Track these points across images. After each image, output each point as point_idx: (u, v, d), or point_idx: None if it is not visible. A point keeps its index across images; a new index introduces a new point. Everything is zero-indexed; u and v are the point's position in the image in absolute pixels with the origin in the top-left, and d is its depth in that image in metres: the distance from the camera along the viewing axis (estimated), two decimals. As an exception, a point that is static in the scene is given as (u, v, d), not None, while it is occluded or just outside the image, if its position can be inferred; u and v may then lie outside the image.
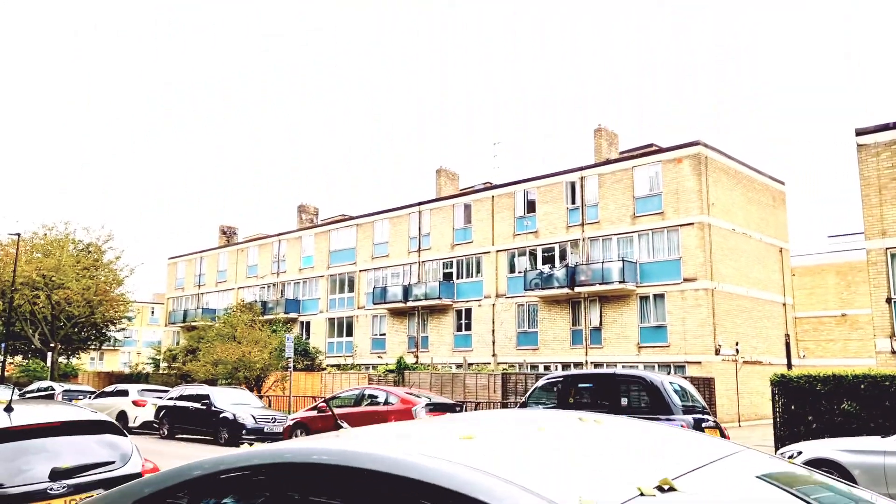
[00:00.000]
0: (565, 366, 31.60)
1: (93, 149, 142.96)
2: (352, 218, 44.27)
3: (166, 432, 19.34)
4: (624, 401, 11.33)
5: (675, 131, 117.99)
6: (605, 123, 35.14)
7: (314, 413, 15.82)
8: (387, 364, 34.72)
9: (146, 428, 21.03)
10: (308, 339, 43.10)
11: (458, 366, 34.13)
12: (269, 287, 47.91)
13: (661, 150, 30.36)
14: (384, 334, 40.33)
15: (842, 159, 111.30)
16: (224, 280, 51.61)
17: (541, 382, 12.73)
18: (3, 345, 34.00)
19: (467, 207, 37.51)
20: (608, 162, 32.45)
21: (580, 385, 12.31)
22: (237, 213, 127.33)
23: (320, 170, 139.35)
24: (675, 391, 11.00)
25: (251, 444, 2.45)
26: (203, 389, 19.28)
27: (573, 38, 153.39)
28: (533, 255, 34.12)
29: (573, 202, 32.76)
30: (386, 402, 14.83)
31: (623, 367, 29.64)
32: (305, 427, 15.75)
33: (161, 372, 46.22)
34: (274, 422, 17.90)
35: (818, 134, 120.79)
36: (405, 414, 14.18)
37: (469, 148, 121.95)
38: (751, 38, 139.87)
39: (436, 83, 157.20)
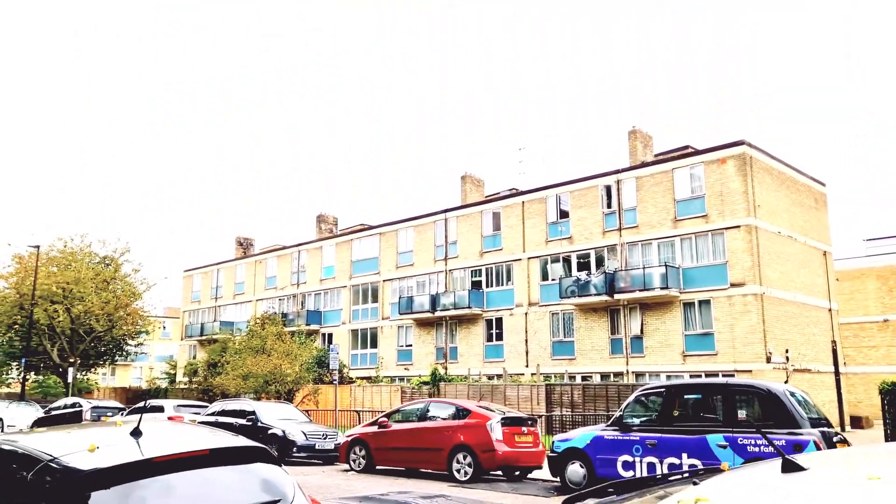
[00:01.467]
0: (604, 376, 30.55)
1: (94, 150, 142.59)
2: (373, 227, 43.35)
3: (207, 450, 18.26)
4: (741, 413, 10.28)
5: (693, 132, 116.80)
6: (639, 125, 34.18)
7: (374, 429, 14.75)
8: (419, 376, 33.64)
9: (183, 446, 19.95)
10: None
11: (490, 377, 33.05)
12: (288, 299, 46.93)
13: (702, 151, 29.40)
14: (410, 345, 39.29)
15: (850, 160, 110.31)
16: (242, 292, 50.64)
17: (637, 394, 11.70)
18: (23, 360, 33.03)
19: (496, 214, 36.55)
20: (645, 164, 31.50)
21: (685, 396, 11.28)
22: (251, 224, 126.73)
23: (336, 179, 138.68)
24: (799, 402, 9.94)
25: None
26: (248, 404, 18.23)
27: (592, 42, 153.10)
28: (567, 261, 33.12)
29: (609, 206, 31.79)
30: (456, 417, 13.75)
31: (667, 376, 28.62)
32: (365, 444, 14.68)
33: (179, 387, 45.20)
34: (325, 438, 16.85)
35: (818, 134, 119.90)
36: (478, 430, 13.12)
37: (491, 154, 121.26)
38: (751, 38, 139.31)
39: (455, 89, 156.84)
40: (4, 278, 38.87)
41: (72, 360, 36.29)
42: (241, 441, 4.35)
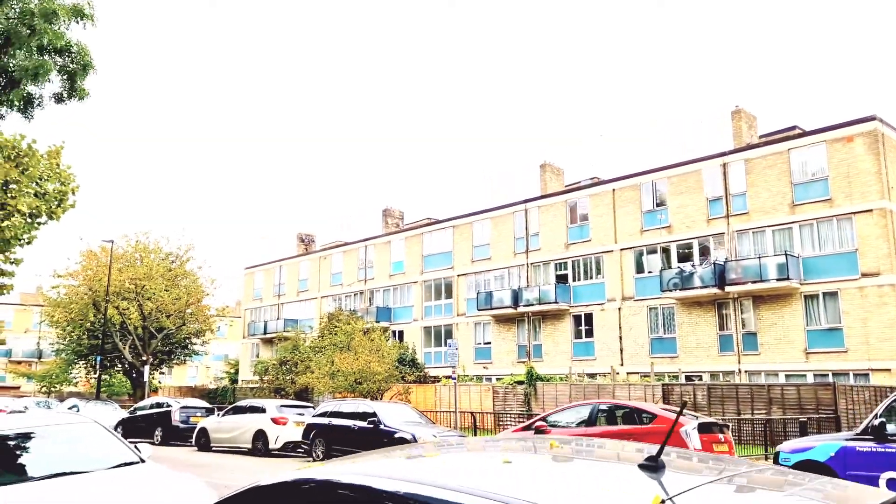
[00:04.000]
0: (713, 375, 28.24)
1: (149, 149, 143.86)
2: (445, 220, 41.51)
3: (321, 455, 16.60)
4: None
5: (792, 113, 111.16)
6: (742, 105, 31.69)
7: (530, 433, 12.84)
8: (511, 374, 31.73)
9: (286, 449, 18.39)
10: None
11: (592, 376, 30.94)
12: (355, 295, 45.42)
13: (823, 130, 26.84)
14: (489, 343, 37.36)
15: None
16: (306, 289, 49.34)
17: (897, 396, 9.54)
18: (97, 358, 32.05)
19: (582, 203, 34.41)
20: (755, 146, 29.07)
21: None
22: (310, 220, 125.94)
23: (398, 174, 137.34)
24: None
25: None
26: (365, 405, 16.53)
27: (668, 23, 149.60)
28: (666, 252, 30.83)
29: (714, 192, 29.43)
30: (635, 421, 11.78)
31: (787, 376, 26.22)
32: (519, 451, 12.78)
33: (250, 385, 44.07)
34: (458, 444, 15.01)
35: None
36: (671, 437, 11.10)
37: (567, 143, 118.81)
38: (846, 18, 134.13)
39: (523, 77, 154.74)
40: (73, 275, 38.12)
41: (144, 359, 35.28)
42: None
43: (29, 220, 16.64)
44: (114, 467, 6.10)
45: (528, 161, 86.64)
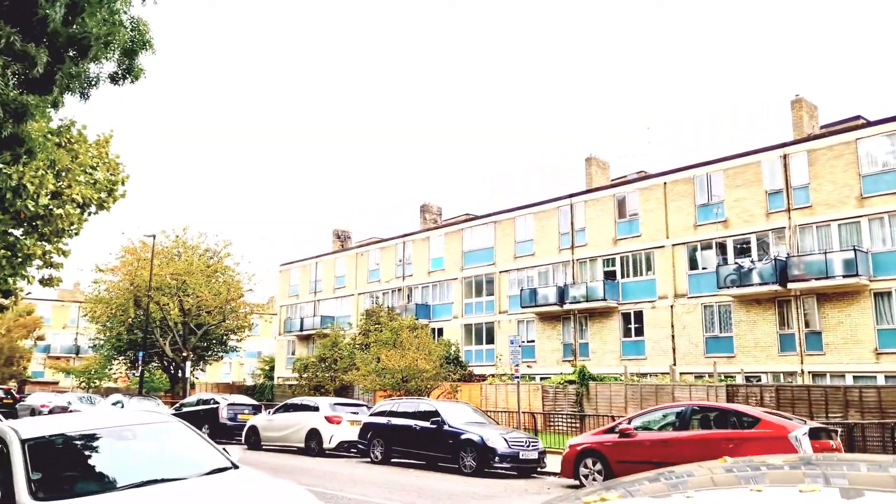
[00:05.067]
0: (774, 376, 27.01)
1: (185, 146, 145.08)
2: (486, 215, 40.60)
3: (379, 456, 15.88)
4: None
5: (849, 103, 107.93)
6: (803, 94, 30.34)
7: (612, 438, 11.96)
8: (561, 374, 30.76)
9: (341, 449, 17.70)
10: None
11: (643, 375, 29.82)
12: (393, 292, 44.75)
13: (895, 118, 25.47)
14: (533, 341, 36.40)
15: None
16: (342, 286, 48.81)
17: None
18: (140, 353, 31.78)
19: (631, 197, 33.30)
20: (818, 136, 27.75)
21: None
22: (345, 216, 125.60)
23: (435, 170, 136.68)
24: None
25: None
26: (427, 403, 15.79)
27: (710, 18, 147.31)
28: (721, 247, 29.62)
29: (774, 185, 28.16)
30: (734, 425, 10.83)
31: (855, 377, 24.92)
32: (601, 457, 11.90)
33: (289, 382, 43.66)
34: (528, 446, 14.17)
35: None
36: (777, 443, 10.14)
37: (610, 136, 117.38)
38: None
39: (559, 70, 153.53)
40: (113, 271, 38.01)
41: (185, 354, 34.98)
42: None
43: (80, 209, 16.14)
44: (207, 474, 5.37)
45: (574, 156, 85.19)
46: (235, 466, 5.58)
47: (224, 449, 6.00)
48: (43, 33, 8.82)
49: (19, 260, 13.60)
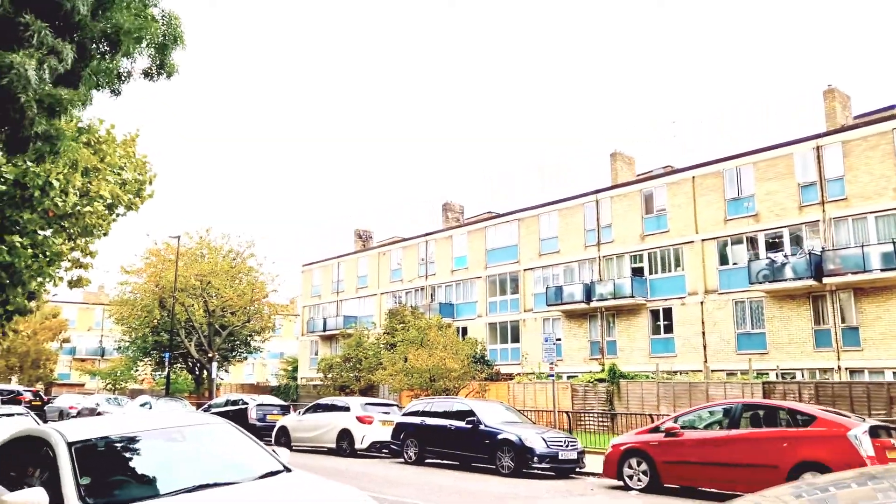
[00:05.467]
0: (809, 373, 26.40)
1: (206, 148, 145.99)
2: (509, 213, 40.22)
3: (413, 457, 15.61)
4: None
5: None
6: (836, 84, 29.65)
7: (658, 437, 11.58)
8: (590, 372, 30.34)
9: (372, 449, 17.46)
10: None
11: (668, 374, 29.32)
12: (416, 291, 44.51)
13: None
14: (559, 339, 35.94)
15: None
16: (365, 286, 48.65)
17: None
18: (166, 355, 31.83)
19: (659, 192, 32.77)
20: (852, 126, 27.09)
21: None
22: (365, 216, 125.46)
23: (455, 168, 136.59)
24: None
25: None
26: (461, 402, 15.51)
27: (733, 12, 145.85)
28: (752, 242, 29.03)
29: (807, 177, 27.54)
30: (789, 423, 10.41)
31: (894, 373, 24.27)
32: (646, 457, 11.53)
33: (313, 383, 43.61)
34: (567, 446, 13.82)
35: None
36: (835, 442, 9.71)
37: (632, 131, 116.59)
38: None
39: (581, 66, 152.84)
40: (137, 273, 38.14)
41: (210, 355, 35.00)
42: None
43: (108, 210, 15.99)
44: (260, 477, 5.11)
45: (597, 153, 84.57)
46: (287, 469, 5.32)
47: (273, 450, 5.74)
48: (71, 27, 8.60)
49: (47, 260, 13.46)
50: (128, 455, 5.25)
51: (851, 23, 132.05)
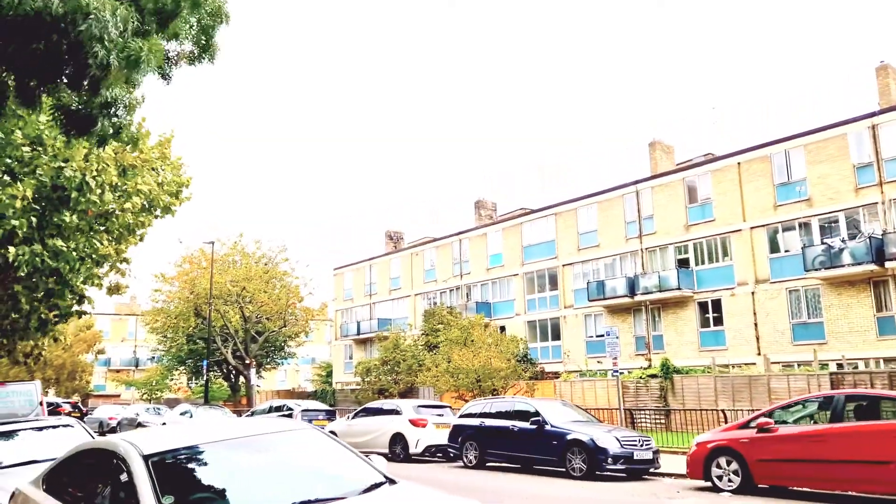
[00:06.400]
0: (874, 362, 25.15)
1: (235, 152, 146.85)
2: (545, 208, 39.29)
3: (473, 460, 14.83)
4: None
5: None
6: (888, 60, 28.34)
7: (749, 433, 10.67)
8: (641, 368, 29.36)
9: (427, 453, 16.71)
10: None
11: (723, 368, 28.22)
12: (451, 291, 43.75)
13: None
14: (602, 335, 34.94)
15: None
16: (398, 287, 48.03)
17: None
18: (204, 362, 31.46)
19: (702, 180, 31.67)
20: (910, 103, 25.82)
21: None
22: (395, 217, 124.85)
23: (487, 165, 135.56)
24: None
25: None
26: (525, 403, 14.72)
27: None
28: (805, 227, 27.84)
29: (862, 158, 26.30)
30: (900, 416, 9.47)
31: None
32: (736, 455, 10.62)
33: (342, 387, 43.07)
34: (642, 445, 12.96)
35: None
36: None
37: (665, 119, 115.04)
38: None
39: (616, 56, 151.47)
40: (170, 281, 37.87)
41: (248, 362, 34.59)
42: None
43: (144, 212, 15.47)
44: (365, 491, 4.39)
45: (637, 142, 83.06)
46: (392, 481, 4.60)
47: (370, 459, 5.03)
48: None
49: (96, 260, 12.93)
50: (212, 469, 4.54)
51: None
